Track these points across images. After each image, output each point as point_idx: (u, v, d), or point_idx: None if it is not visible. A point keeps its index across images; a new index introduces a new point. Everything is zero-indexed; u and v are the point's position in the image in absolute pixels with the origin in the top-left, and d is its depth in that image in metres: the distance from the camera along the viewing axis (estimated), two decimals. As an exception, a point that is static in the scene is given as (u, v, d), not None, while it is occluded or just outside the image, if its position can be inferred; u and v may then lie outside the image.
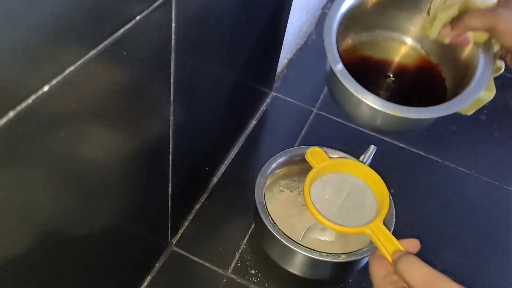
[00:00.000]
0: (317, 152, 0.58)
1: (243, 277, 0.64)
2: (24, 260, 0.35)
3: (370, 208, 0.55)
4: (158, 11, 0.38)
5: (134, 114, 0.43)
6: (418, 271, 0.41)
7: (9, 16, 0.25)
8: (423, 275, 0.40)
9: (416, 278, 0.40)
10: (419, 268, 0.41)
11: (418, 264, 0.41)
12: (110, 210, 0.46)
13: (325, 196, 0.57)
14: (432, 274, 0.40)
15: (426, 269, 0.41)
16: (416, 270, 0.41)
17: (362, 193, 0.57)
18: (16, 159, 0.30)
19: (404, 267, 0.42)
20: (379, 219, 0.52)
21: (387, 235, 0.49)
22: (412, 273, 0.41)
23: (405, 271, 0.41)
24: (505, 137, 0.92)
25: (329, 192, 0.58)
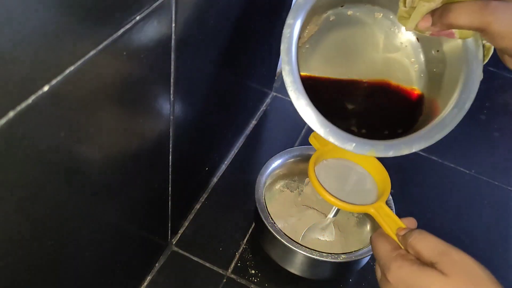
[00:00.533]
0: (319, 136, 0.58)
1: (243, 277, 0.64)
2: (23, 261, 0.35)
3: (370, 194, 0.56)
4: (158, 11, 0.38)
5: (134, 114, 0.43)
6: (431, 242, 0.41)
7: (9, 16, 0.25)
8: (435, 244, 0.41)
9: (429, 247, 0.41)
10: (431, 239, 0.42)
11: (430, 235, 0.42)
12: (110, 210, 0.46)
13: (326, 180, 0.57)
14: (444, 244, 0.41)
15: (438, 240, 0.41)
16: (429, 240, 0.41)
17: (363, 179, 0.58)
18: (16, 159, 0.30)
19: (417, 239, 0.42)
20: (382, 200, 0.52)
21: (390, 214, 0.49)
22: (425, 243, 0.41)
23: (417, 242, 0.42)
24: (505, 137, 0.92)
25: (330, 177, 0.58)
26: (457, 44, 0.52)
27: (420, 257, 0.41)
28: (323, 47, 0.57)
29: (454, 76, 0.54)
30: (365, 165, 0.58)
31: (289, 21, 0.51)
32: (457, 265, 0.39)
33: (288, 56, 0.50)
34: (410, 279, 0.40)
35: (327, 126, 0.51)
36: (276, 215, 0.67)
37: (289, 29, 0.51)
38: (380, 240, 0.46)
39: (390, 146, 0.54)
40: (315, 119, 0.50)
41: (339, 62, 0.58)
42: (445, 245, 0.40)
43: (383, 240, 0.45)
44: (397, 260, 0.42)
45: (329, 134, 0.50)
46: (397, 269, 0.41)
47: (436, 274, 0.39)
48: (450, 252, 0.40)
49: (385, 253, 0.44)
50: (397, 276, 0.41)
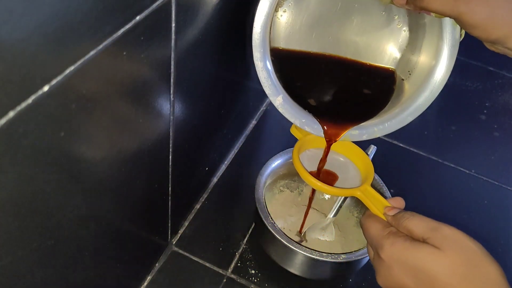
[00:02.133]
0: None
1: (243, 277, 0.64)
2: (23, 260, 0.35)
3: (354, 180, 0.56)
4: (158, 11, 0.38)
5: (134, 114, 0.43)
6: (422, 220, 0.42)
7: (8, 15, 0.25)
8: (427, 222, 0.42)
9: (420, 225, 0.41)
10: (422, 217, 0.42)
11: (420, 215, 0.43)
12: (110, 210, 0.46)
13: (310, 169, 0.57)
14: (435, 221, 0.41)
15: (429, 219, 0.42)
16: (420, 219, 0.42)
17: (345, 167, 0.58)
18: (16, 159, 0.30)
19: (408, 219, 0.43)
20: (367, 183, 0.53)
21: (376, 196, 0.50)
22: (416, 221, 0.42)
23: (409, 222, 0.42)
24: (505, 137, 0.92)
25: (313, 166, 0.58)
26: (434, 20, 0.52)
27: (412, 235, 0.42)
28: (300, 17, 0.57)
29: (429, 55, 0.55)
30: (346, 153, 0.58)
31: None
32: (449, 239, 0.40)
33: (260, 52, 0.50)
34: (403, 255, 0.41)
35: (302, 117, 0.53)
36: (276, 215, 0.67)
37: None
38: (370, 220, 0.46)
39: (364, 130, 0.56)
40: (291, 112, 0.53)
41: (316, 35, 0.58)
42: (436, 222, 0.41)
43: (373, 220, 0.46)
44: (389, 237, 0.42)
45: (305, 124, 0.53)
46: (390, 246, 0.42)
47: (429, 248, 0.39)
48: (441, 227, 0.40)
49: (376, 232, 0.44)
50: (390, 253, 0.41)
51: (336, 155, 0.58)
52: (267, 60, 0.51)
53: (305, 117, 0.54)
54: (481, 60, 1.09)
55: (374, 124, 0.56)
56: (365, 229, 0.46)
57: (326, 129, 0.54)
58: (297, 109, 0.54)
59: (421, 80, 0.55)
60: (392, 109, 0.56)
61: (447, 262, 0.39)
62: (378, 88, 0.59)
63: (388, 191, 0.65)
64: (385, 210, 0.47)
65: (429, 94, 0.55)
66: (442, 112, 0.95)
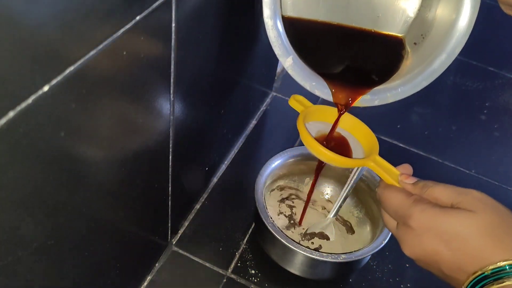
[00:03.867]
0: (300, 99, 0.57)
1: (243, 277, 0.64)
2: (23, 260, 0.35)
3: (357, 152, 0.54)
4: (158, 11, 0.38)
5: (134, 114, 0.43)
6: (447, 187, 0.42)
7: (8, 15, 0.25)
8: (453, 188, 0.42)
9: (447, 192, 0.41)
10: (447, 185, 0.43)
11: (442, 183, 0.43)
12: (110, 210, 0.46)
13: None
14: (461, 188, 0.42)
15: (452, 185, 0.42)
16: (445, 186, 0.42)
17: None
18: (16, 159, 0.30)
19: (432, 187, 0.42)
20: (375, 153, 0.51)
21: (388, 166, 0.49)
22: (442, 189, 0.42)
23: (434, 190, 0.42)
24: (505, 137, 0.92)
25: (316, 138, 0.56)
26: None
27: (439, 202, 0.41)
28: None
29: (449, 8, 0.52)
30: (347, 126, 0.56)
31: None
32: (481, 201, 0.39)
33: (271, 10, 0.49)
34: (436, 221, 0.39)
35: (313, 81, 0.52)
36: (275, 213, 0.67)
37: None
38: (390, 191, 0.45)
39: (376, 95, 0.54)
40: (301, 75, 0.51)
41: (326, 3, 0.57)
42: (463, 188, 0.41)
43: (393, 190, 0.44)
44: (417, 205, 0.41)
45: (315, 88, 0.51)
46: (420, 213, 0.40)
47: (462, 212, 0.39)
48: (471, 191, 0.40)
49: (401, 202, 0.43)
50: (421, 220, 0.40)
51: (339, 129, 0.56)
52: (277, 19, 0.49)
53: (315, 80, 0.52)
54: (481, 60, 1.09)
55: (387, 89, 0.53)
56: (386, 199, 0.45)
57: (336, 92, 0.52)
58: (307, 72, 0.52)
59: (437, 42, 0.52)
60: (405, 75, 0.54)
61: (482, 223, 0.38)
62: (387, 55, 0.57)
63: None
64: (400, 178, 0.45)
65: (446, 58, 0.52)
66: (442, 112, 0.95)
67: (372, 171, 0.65)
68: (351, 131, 0.56)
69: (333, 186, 0.71)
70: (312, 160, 0.69)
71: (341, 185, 0.70)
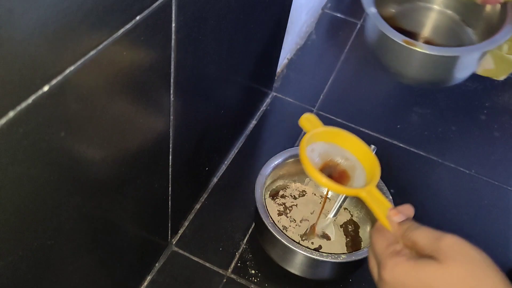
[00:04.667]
0: (311, 119, 0.57)
1: (243, 277, 0.64)
2: (23, 260, 0.35)
3: (358, 180, 0.54)
4: (158, 11, 0.38)
5: (134, 114, 0.43)
6: (425, 231, 0.42)
7: (8, 15, 0.25)
8: (430, 233, 0.41)
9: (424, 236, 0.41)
10: (425, 229, 0.42)
11: (424, 226, 0.43)
12: (110, 210, 0.46)
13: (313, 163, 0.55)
14: (438, 232, 0.41)
15: (431, 229, 0.42)
16: (423, 230, 0.42)
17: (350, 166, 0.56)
18: (16, 159, 0.30)
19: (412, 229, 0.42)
20: (372, 184, 0.51)
21: (381, 199, 0.49)
22: (420, 232, 0.42)
23: (413, 233, 0.42)
24: (505, 137, 0.92)
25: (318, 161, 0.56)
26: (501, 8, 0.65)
27: (416, 247, 0.42)
28: None
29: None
30: (353, 150, 0.56)
31: None
32: (452, 250, 0.39)
33: None
34: (406, 276, 0.40)
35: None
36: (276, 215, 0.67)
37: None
38: (376, 235, 0.45)
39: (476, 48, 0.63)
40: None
41: None
42: (439, 232, 0.41)
43: (379, 236, 0.45)
44: (392, 257, 0.42)
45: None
46: (393, 267, 0.41)
47: (431, 266, 0.39)
48: (443, 238, 0.40)
49: (380, 250, 0.44)
50: (392, 274, 0.41)
51: (343, 151, 0.56)
52: None
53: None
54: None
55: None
56: (372, 241, 0.46)
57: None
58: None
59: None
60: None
61: (451, 277, 0.38)
62: None
63: (388, 191, 0.65)
64: (389, 213, 0.46)
65: None
66: (442, 112, 0.94)
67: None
68: (357, 155, 0.56)
69: (333, 186, 0.71)
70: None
71: (341, 185, 0.70)
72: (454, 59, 0.67)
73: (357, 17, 1.14)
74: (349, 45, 1.06)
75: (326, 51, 1.06)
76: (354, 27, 1.11)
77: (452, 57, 0.67)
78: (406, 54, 0.67)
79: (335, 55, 1.03)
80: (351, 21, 1.13)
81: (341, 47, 1.05)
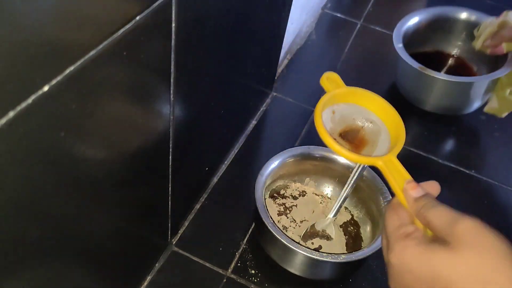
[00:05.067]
0: (333, 78, 0.52)
1: (243, 277, 0.64)
2: (23, 260, 0.35)
3: (382, 146, 0.50)
4: (158, 11, 0.38)
5: (134, 114, 0.43)
6: (442, 211, 0.38)
7: (9, 15, 0.25)
8: (447, 214, 0.38)
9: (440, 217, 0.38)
10: (443, 208, 0.39)
11: (442, 205, 0.39)
12: (110, 210, 0.46)
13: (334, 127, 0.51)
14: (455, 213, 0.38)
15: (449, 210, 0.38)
16: (441, 209, 0.39)
17: (375, 130, 0.52)
18: (16, 159, 0.30)
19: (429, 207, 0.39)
20: (393, 153, 0.47)
21: (400, 169, 0.45)
22: (436, 212, 0.38)
23: (429, 212, 0.39)
24: (505, 137, 0.92)
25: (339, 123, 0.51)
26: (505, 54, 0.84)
27: (430, 227, 0.38)
28: None
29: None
30: (379, 113, 0.51)
31: None
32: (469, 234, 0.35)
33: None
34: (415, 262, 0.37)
35: None
36: (276, 215, 0.67)
37: None
38: (390, 213, 0.42)
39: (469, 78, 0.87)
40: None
41: None
42: (457, 214, 0.37)
43: (393, 213, 0.41)
44: (401, 240, 0.38)
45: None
46: (401, 250, 0.38)
47: (443, 253, 0.36)
48: (463, 220, 0.36)
49: (390, 229, 0.40)
50: (400, 258, 0.38)
51: (367, 112, 0.51)
52: None
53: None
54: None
55: None
56: (385, 219, 0.42)
57: None
58: None
59: None
60: None
61: (463, 266, 0.34)
62: None
63: (388, 191, 0.65)
64: (406, 186, 0.42)
65: None
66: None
67: (372, 171, 0.66)
68: (383, 119, 0.51)
69: (333, 186, 0.71)
70: (312, 160, 0.69)
71: (341, 185, 0.70)
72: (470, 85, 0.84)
73: (357, 17, 1.14)
74: (349, 45, 1.06)
75: (326, 51, 1.06)
76: (354, 27, 1.11)
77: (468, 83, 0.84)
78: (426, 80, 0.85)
79: (335, 55, 1.03)
80: (351, 21, 1.13)
81: (341, 47, 1.05)
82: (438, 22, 0.95)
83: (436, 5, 0.97)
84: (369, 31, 1.11)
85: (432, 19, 0.95)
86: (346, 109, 0.51)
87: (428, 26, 0.95)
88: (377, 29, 1.11)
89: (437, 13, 0.95)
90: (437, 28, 0.96)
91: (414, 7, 1.20)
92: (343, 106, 0.51)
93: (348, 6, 1.17)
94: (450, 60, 0.97)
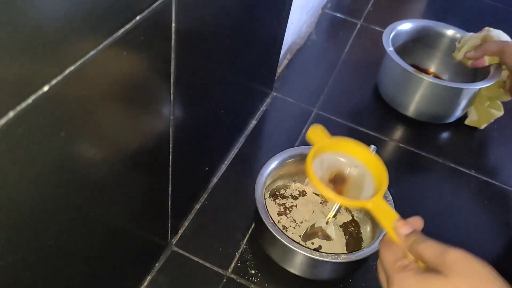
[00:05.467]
0: (318, 132, 0.57)
1: (243, 277, 0.64)
2: (23, 260, 0.35)
3: (368, 189, 0.54)
4: (158, 11, 0.38)
5: (134, 114, 0.43)
6: (431, 244, 0.42)
7: (9, 15, 0.25)
8: (435, 246, 0.42)
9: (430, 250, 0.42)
10: (431, 242, 0.43)
11: (430, 239, 0.43)
12: (110, 210, 0.46)
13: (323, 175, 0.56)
14: (443, 245, 0.42)
15: (437, 243, 0.42)
16: (429, 243, 0.42)
17: (360, 174, 0.56)
18: (16, 159, 0.30)
19: (419, 242, 0.43)
20: (379, 194, 0.51)
21: (388, 210, 0.48)
22: (426, 246, 0.42)
23: (419, 246, 0.43)
24: (505, 137, 0.92)
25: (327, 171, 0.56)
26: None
27: (423, 260, 0.42)
28: None
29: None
30: (360, 157, 0.56)
31: None
32: (457, 263, 0.39)
33: None
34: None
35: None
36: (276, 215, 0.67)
37: None
38: (384, 249, 0.46)
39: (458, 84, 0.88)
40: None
41: None
42: (444, 246, 0.41)
43: (387, 250, 0.46)
44: (399, 272, 0.43)
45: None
46: (400, 281, 0.42)
47: (437, 279, 0.40)
48: (450, 252, 0.40)
49: (389, 264, 0.44)
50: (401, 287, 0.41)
51: (353, 159, 0.56)
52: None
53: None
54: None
55: None
56: (380, 254, 0.46)
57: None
58: None
59: None
60: None
61: None
62: None
63: (388, 191, 0.65)
64: (395, 224, 0.46)
65: None
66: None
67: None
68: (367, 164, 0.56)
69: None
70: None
71: (341, 185, 0.70)
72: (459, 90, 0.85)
73: (357, 17, 1.14)
74: (349, 45, 1.06)
75: (326, 51, 1.06)
76: (354, 27, 1.11)
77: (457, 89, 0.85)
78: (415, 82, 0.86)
79: (335, 55, 1.03)
80: (351, 21, 1.13)
81: (341, 47, 1.05)
82: (421, 35, 0.97)
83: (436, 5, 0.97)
84: (369, 31, 1.11)
85: (416, 31, 0.96)
86: (333, 158, 0.57)
87: (411, 38, 0.97)
88: (377, 29, 1.11)
89: (421, 25, 0.97)
90: (419, 40, 0.97)
91: (414, 8, 1.20)
92: (329, 155, 0.56)
93: (348, 6, 1.17)
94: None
